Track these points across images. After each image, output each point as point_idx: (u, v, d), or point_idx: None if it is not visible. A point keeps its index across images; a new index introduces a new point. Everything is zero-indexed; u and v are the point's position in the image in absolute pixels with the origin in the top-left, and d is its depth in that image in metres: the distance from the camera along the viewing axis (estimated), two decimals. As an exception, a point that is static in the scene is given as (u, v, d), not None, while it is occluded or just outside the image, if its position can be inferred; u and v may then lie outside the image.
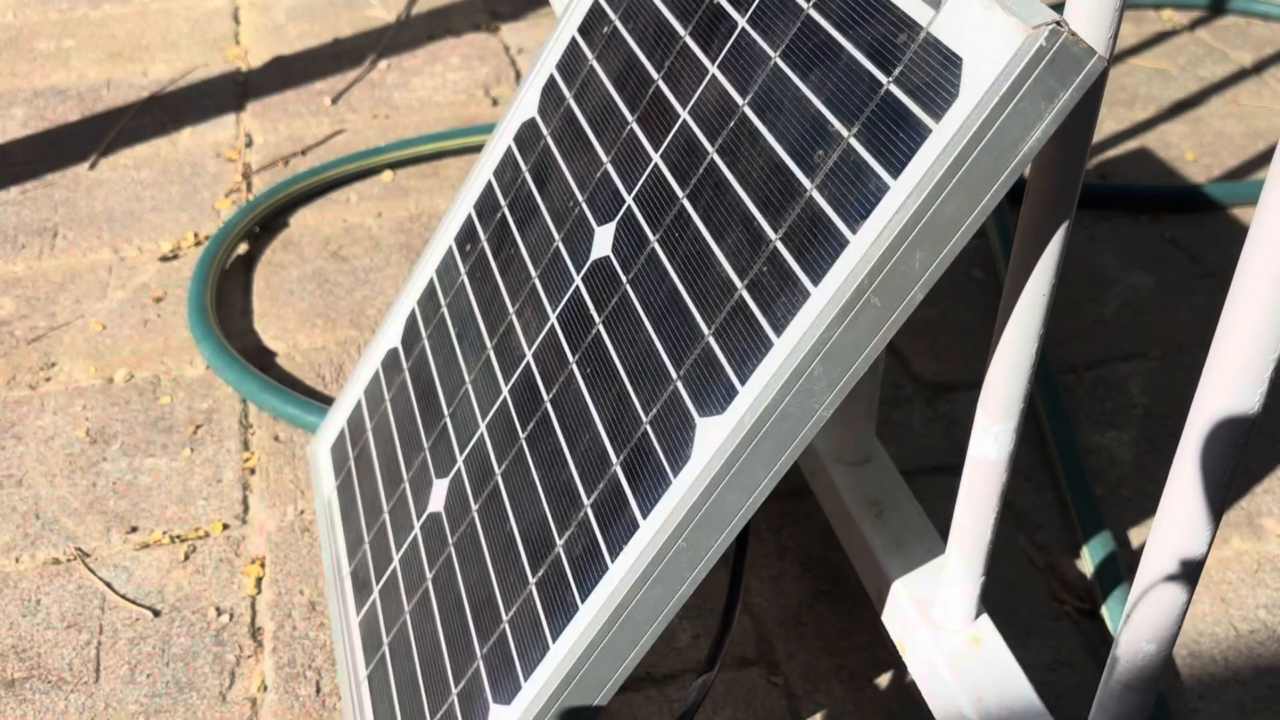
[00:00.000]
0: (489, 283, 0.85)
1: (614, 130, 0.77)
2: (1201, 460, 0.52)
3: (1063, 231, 0.65)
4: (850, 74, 0.60)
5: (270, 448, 1.08)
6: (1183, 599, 0.57)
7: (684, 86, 0.72)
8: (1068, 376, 1.16)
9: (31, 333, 1.21)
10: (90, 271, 1.30)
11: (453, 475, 0.81)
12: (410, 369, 0.91)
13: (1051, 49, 0.51)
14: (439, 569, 0.79)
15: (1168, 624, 0.58)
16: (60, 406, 1.12)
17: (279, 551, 0.98)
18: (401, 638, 0.80)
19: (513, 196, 0.86)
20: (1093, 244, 1.34)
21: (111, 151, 1.51)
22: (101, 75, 1.67)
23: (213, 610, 0.93)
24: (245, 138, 1.54)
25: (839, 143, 0.59)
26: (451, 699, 0.73)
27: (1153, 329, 1.22)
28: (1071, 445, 1.05)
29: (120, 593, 0.94)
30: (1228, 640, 0.91)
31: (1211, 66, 1.71)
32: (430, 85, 1.65)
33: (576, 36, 0.86)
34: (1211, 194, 1.40)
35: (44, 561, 0.97)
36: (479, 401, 0.81)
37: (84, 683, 0.87)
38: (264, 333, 1.22)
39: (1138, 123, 1.58)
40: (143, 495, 1.03)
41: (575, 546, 0.67)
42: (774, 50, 0.66)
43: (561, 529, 0.68)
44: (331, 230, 1.37)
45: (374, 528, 0.88)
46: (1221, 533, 0.99)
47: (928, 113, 0.55)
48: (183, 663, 0.89)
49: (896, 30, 0.58)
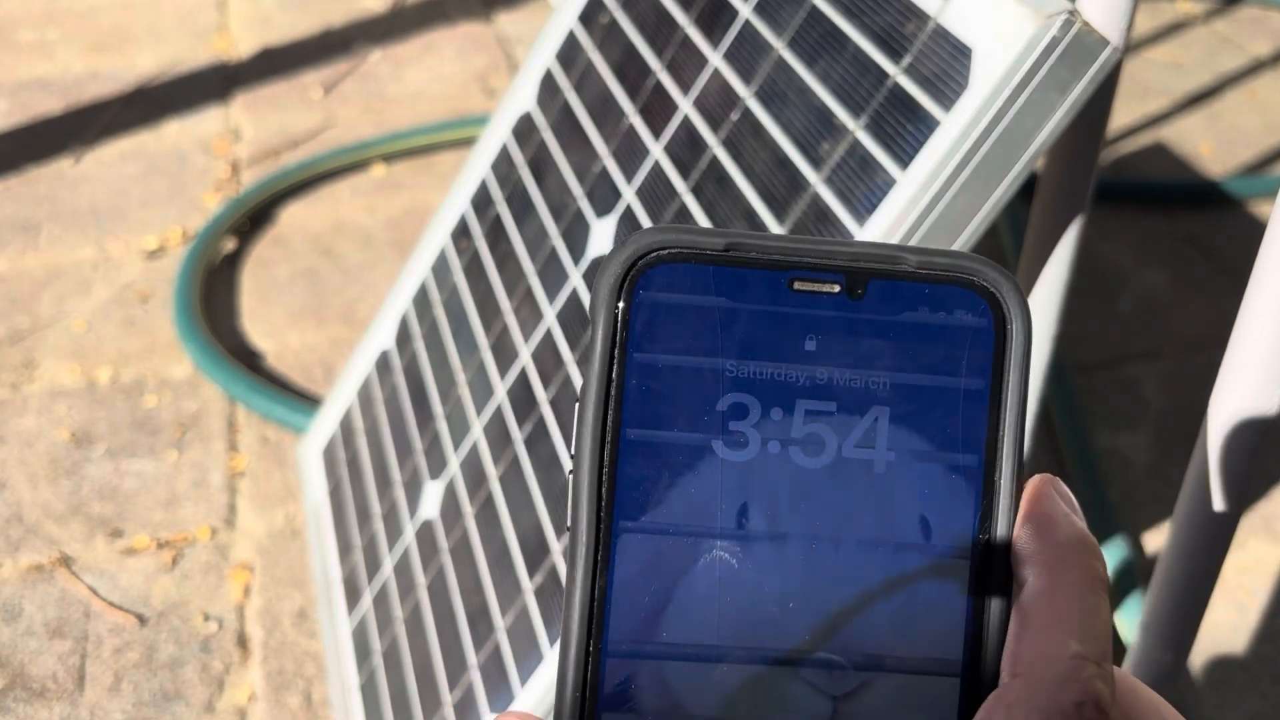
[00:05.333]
0: (484, 280, 0.83)
1: (614, 122, 0.76)
2: (1218, 463, 0.51)
3: (1075, 227, 0.63)
4: (857, 64, 0.58)
5: (259, 450, 1.06)
6: (1199, 606, 0.56)
7: (686, 77, 0.70)
8: (1080, 377, 1.14)
9: (14, 332, 1.19)
10: (74, 269, 1.28)
11: (447, 479, 0.79)
12: (403, 370, 0.89)
13: (1064, 39, 0.50)
14: (432, 576, 0.77)
15: (1184, 632, 0.57)
16: (43, 408, 1.10)
17: (268, 557, 0.96)
18: (394, 647, 0.79)
19: (509, 191, 0.85)
20: (1105, 240, 1.33)
21: (96, 145, 1.48)
22: (86, 67, 1.65)
23: (200, 617, 0.91)
24: (233, 131, 1.52)
25: (846, 135, 0.58)
26: (445, 709, 0.71)
27: (1167, 328, 1.20)
28: (1084, 447, 1.03)
29: (105, 599, 0.92)
30: (1246, 648, 0.89)
31: (1227, 59, 1.69)
32: (424, 76, 1.63)
33: (575, 26, 0.84)
34: (1227, 189, 1.38)
35: (26, 567, 0.95)
36: (474, 403, 0.79)
37: (67, 692, 0.85)
38: (252, 332, 1.20)
39: (1152, 116, 1.56)
40: (128, 499, 1.01)
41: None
42: (779, 40, 0.64)
43: (559, 534, 0.67)
44: (322, 226, 1.35)
45: (365, 534, 0.86)
46: (1238, 537, 0.97)
47: (937, 104, 0.53)
48: (169, 672, 0.87)
49: (905, 19, 0.56)
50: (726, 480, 0.23)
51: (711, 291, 0.23)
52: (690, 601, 0.23)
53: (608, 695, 0.23)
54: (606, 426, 0.23)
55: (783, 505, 0.23)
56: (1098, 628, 0.22)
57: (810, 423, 0.23)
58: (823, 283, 0.23)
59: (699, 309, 0.23)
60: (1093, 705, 0.22)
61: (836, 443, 0.23)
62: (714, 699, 0.23)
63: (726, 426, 0.23)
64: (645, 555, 0.23)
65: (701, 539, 0.23)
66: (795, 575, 0.23)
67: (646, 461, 0.23)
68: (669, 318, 0.23)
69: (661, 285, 0.23)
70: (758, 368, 0.23)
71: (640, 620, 0.23)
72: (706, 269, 0.23)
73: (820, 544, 0.23)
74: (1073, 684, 0.22)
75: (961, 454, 0.23)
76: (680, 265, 0.23)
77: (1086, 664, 0.22)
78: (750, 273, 0.23)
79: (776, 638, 0.23)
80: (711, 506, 0.23)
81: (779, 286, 0.23)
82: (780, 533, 0.23)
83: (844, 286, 0.23)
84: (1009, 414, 0.23)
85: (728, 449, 0.23)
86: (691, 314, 0.23)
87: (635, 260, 0.23)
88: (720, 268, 0.23)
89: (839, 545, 0.23)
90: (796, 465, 0.23)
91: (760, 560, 0.23)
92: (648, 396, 0.23)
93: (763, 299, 0.23)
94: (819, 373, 0.23)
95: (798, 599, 0.23)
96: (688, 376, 0.23)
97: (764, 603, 0.23)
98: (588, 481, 0.23)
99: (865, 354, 0.23)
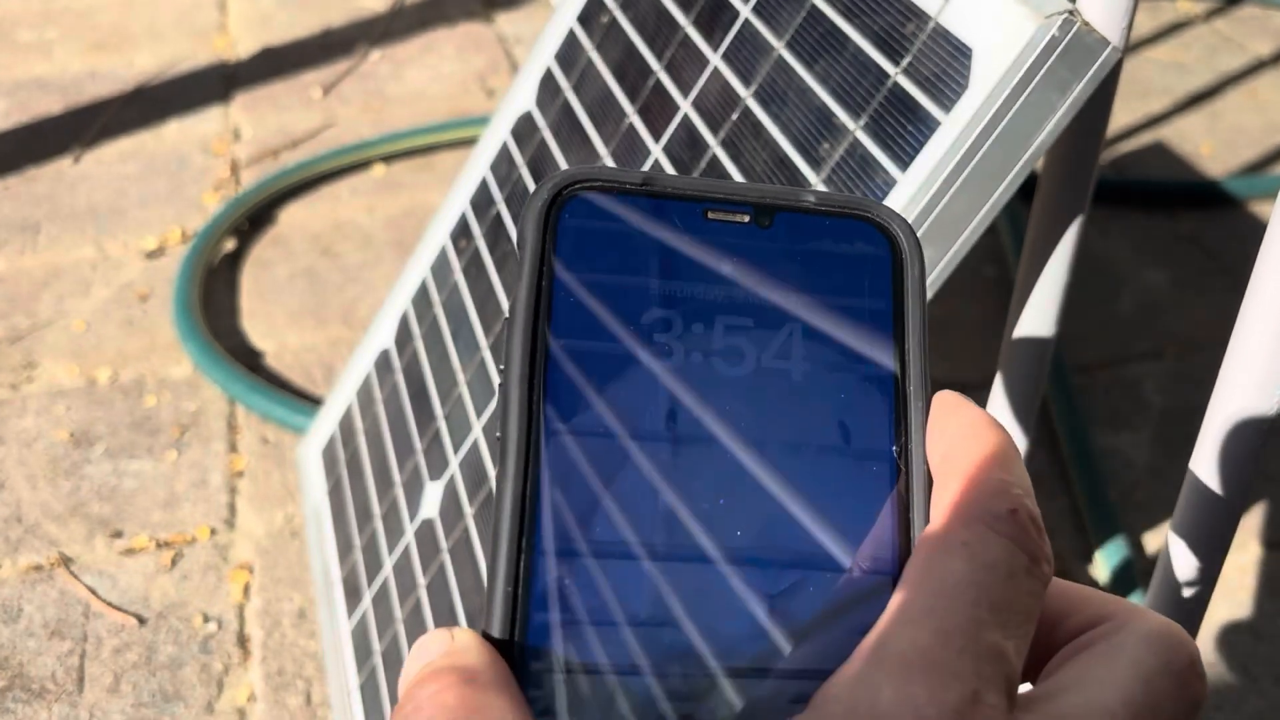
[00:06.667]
0: (484, 280, 0.83)
1: (613, 122, 0.76)
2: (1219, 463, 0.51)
3: (1076, 227, 0.63)
4: (857, 64, 0.58)
5: (258, 450, 1.06)
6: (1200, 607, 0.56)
7: (685, 77, 0.70)
8: (1080, 377, 1.14)
9: (13, 332, 1.19)
10: (73, 269, 1.28)
11: (446, 479, 0.79)
12: (403, 369, 0.89)
13: (1064, 39, 0.50)
14: (433, 576, 0.77)
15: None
16: (42, 408, 1.10)
17: (267, 557, 0.96)
18: (394, 647, 0.79)
19: (509, 191, 0.84)
20: (1106, 240, 1.32)
21: (95, 145, 1.48)
22: (85, 66, 1.64)
23: (199, 618, 0.91)
24: (233, 131, 1.51)
25: (845, 135, 0.58)
26: (444, 712, 0.71)
27: (1168, 327, 1.20)
28: (1084, 447, 1.03)
29: (105, 600, 0.92)
30: (1246, 649, 0.89)
31: (1228, 58, 1.69)
32: (424, 76, 1.63)
33: (575, 26, 0.84)
34: (1228, 189, 1.37)
35: (26, 568, 0.95)
36: (474, 403, 0.79)
37: (67, 693, 0.85)
38: (252, 332, 1.20)
39: (1152, 116, 1.55)
40: (127, 499, 1.01)
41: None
42: (778, 40, 0.64)
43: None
44: (322, 226, 1.35)
45: (365, 533, 0.86)
46: (1239, 538, 0.97)
47: (937, 104, 0.53)
48: (169, 672, 0.87)
49: (905, 19, 0.56)
50: (652, 386, 0.24)
51: (632, 220, 0.25)
52: (620, 503, 0.23)
53: (538, 595, 0.23)
54: (535, 338, 0.24)
55: (708, 410, 0.24)
56: (1019, 468, 0.23)
57: (730, 336, 0.25)
58: (733, 213, 0.25)
59: (621, 234, 0.25)
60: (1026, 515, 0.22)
61: (756, 354, 0.25)
62: (646, 599, 0.23)
63: (651, 338, 0.24)
64: (574, 460, 0.23)
65: (629, 442, 0.24)
66: (723, 477, 0.24)
67: (573, 370, 0.24)
68: (593, 242, 0.25)
69: (585, 214, 0.25)
70: (678, 287, 0.25)
71: (571, 521, 0.23)
72: (628, 199, 0.25)
73: (746, 447, 0.24)
74: (1003, 496, 0.22)
75: (873, 365, 0.25)
76: (603, 195, 0.25)
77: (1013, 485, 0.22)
78: (668, 203, 0.25)
79: (707, 538, 0.23)
80: (639, 410, 0.24)
81: (694, 215, 0.25)
82: (705, 436, 0.24)
83: (752, 216, 0.25)
84: (913, 330, 0.25)
85: (653, 358, 0.24)
86: (613, 239, 0.25)
87: (560, 189, 0.25)
88: (639, 198, 0.25)
89: (763, 448, 0.24)
90: (719, 374, 0.24)
91: (688, 462, 0.24)
92: (574, 310, 0.24)
93: (679, 226, 0.25)
94: (735, 292, 0.25)
95: (726, 500, 0.24)
96: (612, 293, 0.24)
97: (693, 503, 0.24)
98: (516, 388, 0.24)
99: (777, 277, 0.25)
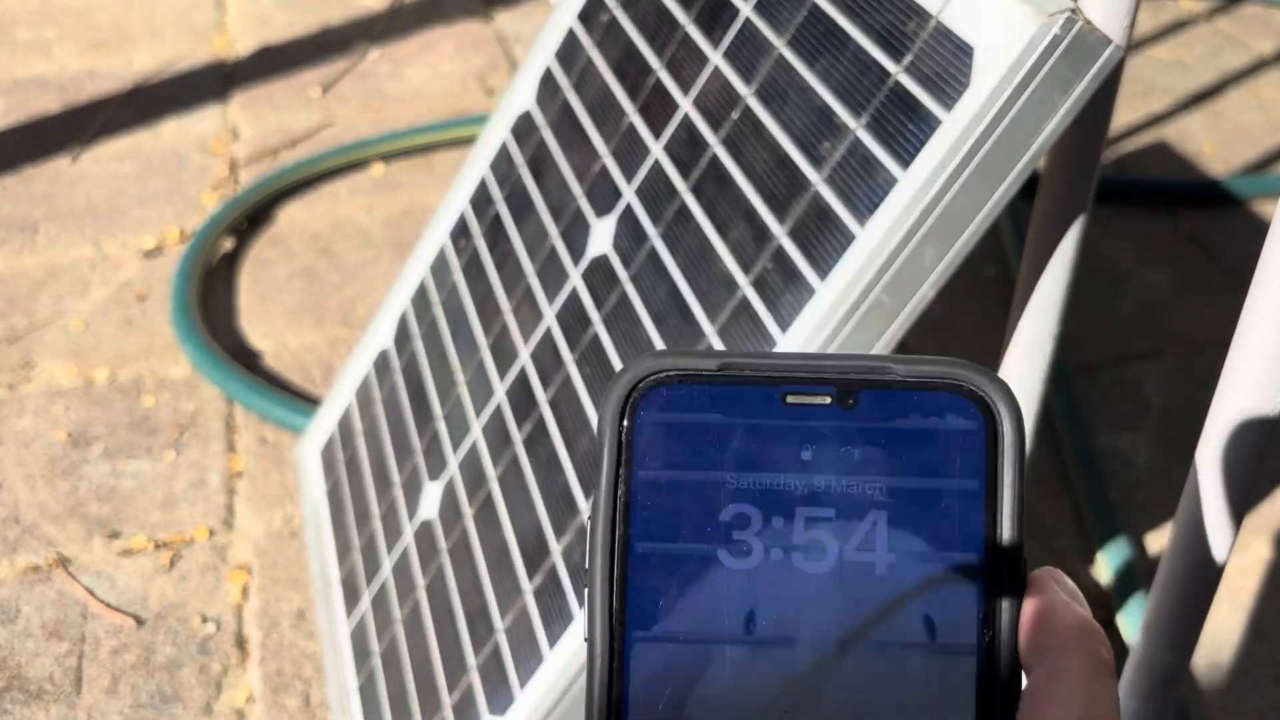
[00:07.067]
0: (483, 280, 0.83)
1: (613, 121, 0.75)
2: (1221, 463, 0.51)
3: (1078, 226, 0.63)
4: (858, 63, 0.58)
5: (257, 450, 1.05)
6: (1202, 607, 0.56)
7: (686, 76, 0.70)
8: (1082, 377, 1.13)
9: (11, 332, 1.18)
10: (71, 268, 1.27)
11: (446, 480, 0.79)
12: (401, 370, 0.89)
13: (1066, 38, 0.50)
14: (431, 577, 0.77)
15: (1187, 633, 0.57)
16: (40, 408, 1.09)
17: (266, 558, 0.96)
18: (392, 648, 0.78)
19: (508, 190, 0.84)
20: (1108, 240, 1.32)
21: (94, 144, 1.48)
22: (84, 65, 1.64)
23: (198, 619, 0.91)
24: (232, 130, 1.51)
25: (847, 134, 0.57)
26: (444, 710, 0.71)
27: (1169, 328, 1.20)
28: (1086, 448, 1.03)
29: (103, 600, 0.92)
30: (1248, 649, 0.89)
31: (1230, 57, 1.69)
32: (423, 75, 1.63)
33: (574, 24, 0.84)
34: (1230, 188, 1.37)
35: (23, 568, 0.94)
36: (473, 403, 0.79)
37: (65, 694, 0.85)
38: (250, 331, 1.20)
39: (1154, 115, 1.55)
40: (125, 500, 1.00)
41: (574, 553, 0.65)
42: (779, 38, 0.63)
43: (559, 535, 0.66)
44: (320, 225, 1.35)
45: (364, 534, 0.86)
46: (1241, 539, 0.97)
47: (939, 103, 0.53)
48: (167, 673, 0.86)
49: (906, 18, 0.56)
50: (733, 588, 0.24)
51: (709, 409, 0.25)
52: (703, 708, 0.24)
53: None
54: (615, 541, 0.24)
55: (788, 610, 0.24)
56: (1100, 710, 0.23)
57: (811, 529, 0.24)
58: (814, 395, 0.25)
59: (698, 426, 0.25)
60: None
61: (837, 547, 0.24)
62: None
63: (730, 536, 0.24)
64: (658, 663, 0.24)
65: (711, 646, 0.24)
66: (804, 678, 0.24)
67: (655, 573, 0.24)
68: (670, 436, 0.25)
69: (662, 406, 0.25)
70: (757, 479, 0.24)
71: None
72: (703, 388, 0.25)
73: (827, 647, 0.24)
74: None
75: (961, 553, 0.24)
76: (678, 387, 0.25)
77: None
78: (744, 389, 0.25)
79: None
80: (720, 614, 0.24)
81: (772, 401, 0.25)
82: (787, 637, 0.24)
83: (834, 397, 0.25)
84: (1006, 511, 0.24)
85: (732, 558, 0.24)
86: (691, 431, 0.25)
87: (635, 383, 0.25)
88: (716, 386, 0.25)
89: (846, 647, 0.24)
90: (800, 570, 0.24)
91: (769, 665, 0.24)
92: (653, 511, 0.24)
93: (758, 413, 0.25)
94: (817, 480, 0.24)
95: (808, 702, 0.24)
96: (691, 490, 0.24)
97: (775, 707, 0.23)
98: (600, 595, 0.24)
99: (860, 461, 0.24)
